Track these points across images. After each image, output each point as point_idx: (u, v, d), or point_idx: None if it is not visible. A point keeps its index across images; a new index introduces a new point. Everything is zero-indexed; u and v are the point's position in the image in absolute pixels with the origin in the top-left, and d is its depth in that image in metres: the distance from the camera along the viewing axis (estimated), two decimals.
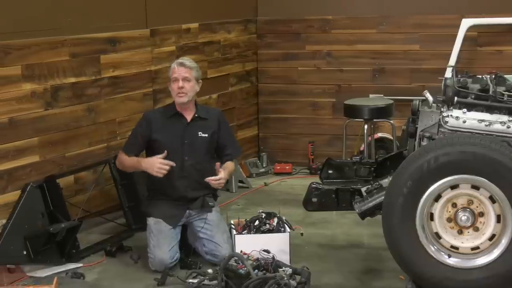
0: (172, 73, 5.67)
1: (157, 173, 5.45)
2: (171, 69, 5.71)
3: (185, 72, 5.64)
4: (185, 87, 5.61)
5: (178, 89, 5.61)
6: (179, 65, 5.67)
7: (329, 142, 8.38)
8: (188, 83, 5.63)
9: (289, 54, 8.51)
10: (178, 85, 5.61)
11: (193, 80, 5.65)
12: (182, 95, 5.61)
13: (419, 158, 4.56)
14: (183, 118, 5.70)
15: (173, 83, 5.65)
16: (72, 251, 5.67)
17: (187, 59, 5.81)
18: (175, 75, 5.63)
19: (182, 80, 5.61)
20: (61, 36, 6.09)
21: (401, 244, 4.63)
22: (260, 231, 5.53)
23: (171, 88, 5.67)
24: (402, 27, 8.13)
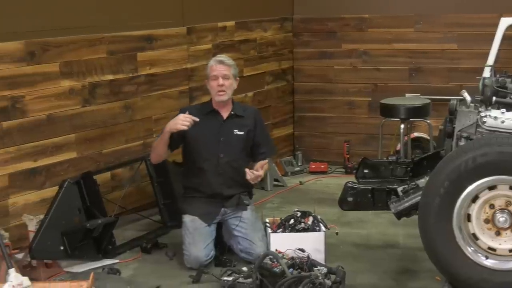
0: (210, 70, 5.66)
1: (182, 125, 5.41)
2: (209, 66, 5.70)
3: (224, 69, 5.64)
4: (225, 84, 5.61)
5: (218, 86, 5.61)
6: (218, 63, 5.66)
7: (365, 141, 8.35)
8: (227, 80, 5.63)
9: (325, 53, 8.49)
10: (218, 83, 5.61)
11: (231, 77, 5.66)
12: (222, 93, 5.62)
13: (457, 158, 4.53)
14: (219, 116, 5.71)
15: (212, 81, 5.65)
16: (108, 247, 5.71)
17: (225, 57, 5.80)
18: (215, 73, 5.63)
19: (222, 78, 5.61)
20: (99, 34, 6.15)
21: (438, 245, 4.60)
22: (295, 230, 5.51)
23: (210, 85, 5.67)
24: (439, 26, 8.07)
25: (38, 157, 5.71)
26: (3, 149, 5.47)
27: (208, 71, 5.70)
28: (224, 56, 5.81)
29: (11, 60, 5.48)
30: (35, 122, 5.67)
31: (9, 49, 5.47)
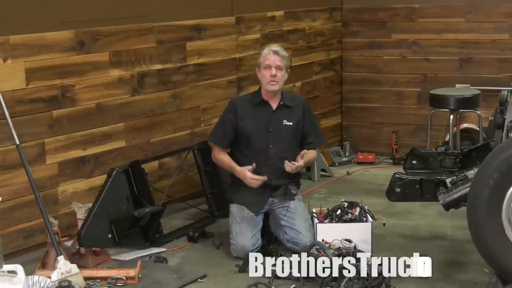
0: (264, 60, 5.64)
1: (253, 184, 5.49)
2: (262, 55, 5.67)
3: (278, 60, 5.62)
4: (278, 75, 5.60)
5: (271, 76, 5.60)
6: (273, 53, 5.62)
7: (413, 132, 8.29)
8: (280, 71, 5.62)
9: (374, 43, 8.44)
10: (271, 73, 5.60)
11: (284, 69, 5.64)
12: (274, 83, 5.61)
13: (507, 149, 4.46)
14: (268, 106, 5.70)
15: (265, 70, 5.63)
16: (155, 236, 5.75)
17: (280, 48, 5.74)
18: (269, 62, 5.61)
19: (275, 69, 5.59)
20: (148, 23, 6.18)
21: (486, 237, 4.54)
22: (342, 220, 5.50)
23: (262, 74, 5.65)
24: (491, 16, 7.96)
25: (87, 146, 5.77)
26: (53, 137, 5.54)
27: (261, 59, 5.67)
28: (278, 47, 5.75)
29: (61, 50, 5.54)
30: (84, 111, 5.73)
31: (59, 39, 5.53)
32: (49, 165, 5.54)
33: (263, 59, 5.65)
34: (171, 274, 5.20)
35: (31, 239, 5.45)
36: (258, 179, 5.47)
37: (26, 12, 5.31)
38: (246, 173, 5.49)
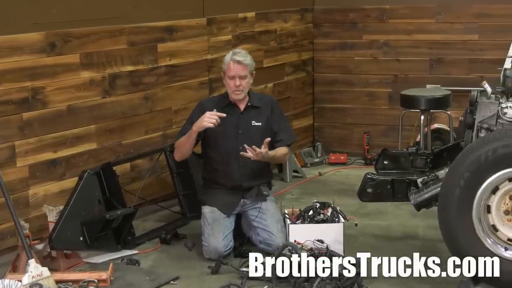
0: (227, 69, 5.61)
1: (208, 123, 5.38)
2: (225, 63, 5.64)
3: (241, 70, 5.60)
4: (242, 84, 5.60)
5: (235, 86, 5.60)
6: (235, 63, 5.59)
7: (385, 132, 8.33)
8: (244, 80, 5.61)
9: (345, 44, 8.47)
10: (235, 83, 5.59)
11: (248, 75, 5.64)
12: (238, 92, 5.60)
13: (477, 149, 4.51)
14: (236, 108, 5.70)
15: (229, 79, 5.61)
16: (127, 238, 5.72)
17: (243, 55, 5.66)
18: (232, 73, 5.59)
19: (239, 78, 5.59)
20: (120, 25, 6.16)
21: (457, 236, 4.58)
22: (314, 221, 5.52)
23: (227, 83, 5.64)
24: (461, 16, 8.02)
25: (58, 148, 5.73)
26: (24, 140, 5.51)
27: (224, 66, 5.65)
28: (241, 55, 5.66)
29: (31, 51, 5.50)
30: (55, 113, 5.70)
31: (30, 40, 5.50)
32: (20, 168, 5.50)
33: (226, 67, 5.62)
34: (143, 276, 5.18)
35: (2, 243, 5.42)
36: (217, 114, 5.41)
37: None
38: (204, 115, 5.43)
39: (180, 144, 5.67)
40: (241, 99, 5.67)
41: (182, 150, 5.69)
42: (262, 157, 5.45)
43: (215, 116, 5.40)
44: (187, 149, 5.66)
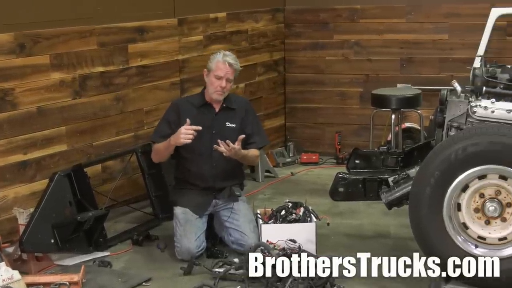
0: (216, 68, 5.58)
1: (184, 139, 5.37)
2: (215, 61, 5.60)
3: (231, 73, 5.60)
4: (227, 87, 5.60)
5: (219, 87, 5.58)
6: (228, 64, 5.58)
7: (356, 132, 8.36)
8: (229, 83, 5.61)
9: (317, 44, 8.49)
10: (221, 84, 5.57)
11: (233, 80, 5.65)
12: (221, 93, 5.60)
13: (447, 148, 4.54)
14: (211, 108, 5.69)
15: (215, 78, 5.58)
16: (99, 240, 5.70)
17: (235, 59, 5.66)
18: (221, 74, 5.57)
19: (226, 81, 5.58)
20: (90, 26, 6.12)
21: (428, 235, 4.61)
22: (287, 221, 5.53)
23: (211, 81, 5.60)
24: (431, 16, 8.08)
25: (28, 150, 5.69)
26: None
27: (213, 65, 5.60)
28: (233, 58, 5.66)
29: (0, 52, 5.45)
30: (25, 115, 5.65)
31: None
32: None
33: (215, 67, 5.59)
34: (116, 278, 5.16)
35: None
36: (193, 127, 5.38)
37: None
38: (179, 131, 5.41)
39: (158, 151, 5.66)
40: (220, 100, 5.66)
41: (160, 156, 5.72)
42: (234, 153, 5.44)
43: (191, 131, 5.39)
44: (165, 156, 5.68)
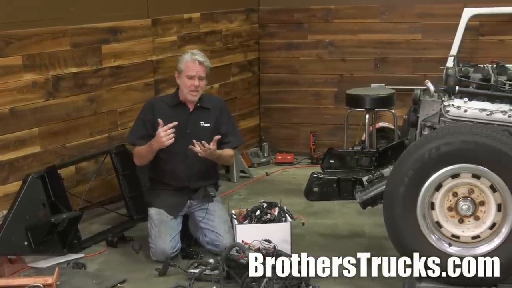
0: (186, 68, 5.59)
1: (167, 141, 5.38)
2: (184, 62, 5.62)
3: (202, 71, 5.60)
4: (200, 85, 5.59)
5: (193, 86, 5.58)
6: (197, 63, 5.59)
7: (331, 131, 8.39)
8: (202, 81, 5.61)
9: (291, 44, 8.50)
10: (194, 83, 5.57)
11: (205, 78, 5.64)
12: (195, 93, 5.60)
13: (421, 147, 4.56)
14: (185, 108, 5.68)
15: (187, 79, 5.58)
16: (73, 242, 5.67)
17: (203, 56, 5.69)
18: (192, 73, 5.57)
19: (198, 79, 5.57)
20: (63, 26, 6.08)
21: (402, 234, 4.63)
22: (262, 221, 5.53)
23: (183, 82, 5.61)
24: (405, 16, 8.12)
25: (1, 152, 5.64)
26: None
27: (182, 66, 5.62)
28: (202, 56, 5.69)
29: None
30: None
31: None
32: None
33: (185, 67, 5.60)
34: (90, 280, 5.13)
35: None
36: (168, 126, 5.38)
37: None
38: (158, 134, 5.40)
39: (141, 155, 5.64)
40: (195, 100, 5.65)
41: (144, 160, 5.69)
42: (210, 153, 5.45)
43: (169, 131, 5.39)
44: (149, 159, 5.65)
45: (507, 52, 7.63)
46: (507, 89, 4.80)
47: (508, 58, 6.51)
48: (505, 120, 4.73)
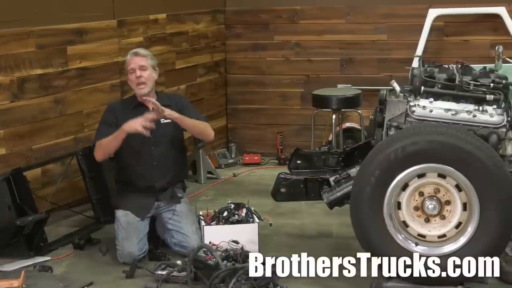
0: (128, 64, 5.64)
1: (140, 127, 5.33)
2: (126, 61, 5.69)
3: (140, 60, 5.60)
4: (143, 76, 5.57)
5: (136, 79, 5.57)
6: (133, 55, 5.64)
7: (298, 132, 8.41)
8: (145, 71, 5.59)
9: (257, 45, 8.51)
10: (136, 75, 5.57)
11: (149, 68, 5.61)
12: (142, 86, 5.58)
13: (387, 147, 4.58)
14: (145, 108, 5.65)
15: (130, 74, 5.61)
16: (39, 244, 5.63)
17: (141, 48, 5.80)
18: (132, 66, 5.60)
19: (139, 70, 5.57)
20: (28, 27, 6.04)
21: (369, 233, 4.65)
22: (229, 222, 5.53)
23: (130, 80, 5.64)
24: (370, 17, 8.16)
25: None
26: None
27: (125, 65, 5.69)
28: (141, 49, 5.78)
29: None
30: None
31: None
32: None
33: (127, 65, 5.66)
34: (57, 283, 5.09)
35: None
36: (148, 126, 5.37)
37: None
38: (138, 120, 5.39)
39: (104, 144, 5.53)
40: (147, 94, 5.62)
41: (106, 150, 5.56)
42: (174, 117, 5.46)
43: (149, 124, 5.37)
44: (112, 149, 5.54)
45: (472, 52, 7.71)
46: (471, 89, 4.85)
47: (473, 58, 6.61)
48: (470, 120, 4.77)
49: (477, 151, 4.46)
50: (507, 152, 4.78)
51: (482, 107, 4.79)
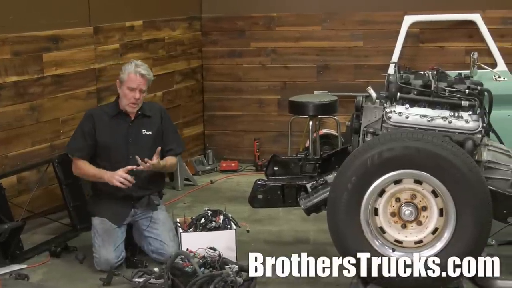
0: (128, 79, 5.56)
1: (117, 182, 5.39)
2: (127, 72, 5.58)
3: (143, 84, 5.58)
4: (140, 98, 5.57)
5: (134, 99, 5.56)
6: (140, 76, 5.57)
7: (275, 138, 8.42)
8: (142, 94, 5.59)
9: (234, 51, 8.52)
10: (134, 96, 5.55)
11: (146, 90, 5.62)
12: (135, 106, 5.59)
13: (363, 153, 4.59)
14: (127, 117, 5.66)
15: (128, 91, 5.56)
16: (15, 252, 5.59)
17: (146, 69, 5.66)
18: (134, 86, 5.55)
19: (139, 92, 5.55)
20: (3, 34, 6.01)
21: (346, 239, 4.65)
22: (206, 229, 5.53)
23: (124, 94, 5.59)
24: (347, 24, 8.20)
25: None
26: None
27: (125, 76, 5.59)
28: (145, 68, 5.65)
29: None
30: None
31: None
32: None
33: (127, 78, 5.57)
34: None
35: None
36: (127, 178, 5.40)
37: None
38: (118, 171, 5.42)
39: (82, 171, 5.62)
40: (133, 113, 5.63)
41: (83, 176, 5.72)
42: (154, 167, 5.45)
43: (127, 182, 5.40)
44: (88, 179, 5.68)
45: (447, 58, 7.77)
46: (447, 95, 4.88)
47: (448, 65, 6.67)
48: (446, 126, 4.80)
49: (453, 157, 4.49)
50: (483, 158, 4.81)
51: (458, 113, 4.83)
